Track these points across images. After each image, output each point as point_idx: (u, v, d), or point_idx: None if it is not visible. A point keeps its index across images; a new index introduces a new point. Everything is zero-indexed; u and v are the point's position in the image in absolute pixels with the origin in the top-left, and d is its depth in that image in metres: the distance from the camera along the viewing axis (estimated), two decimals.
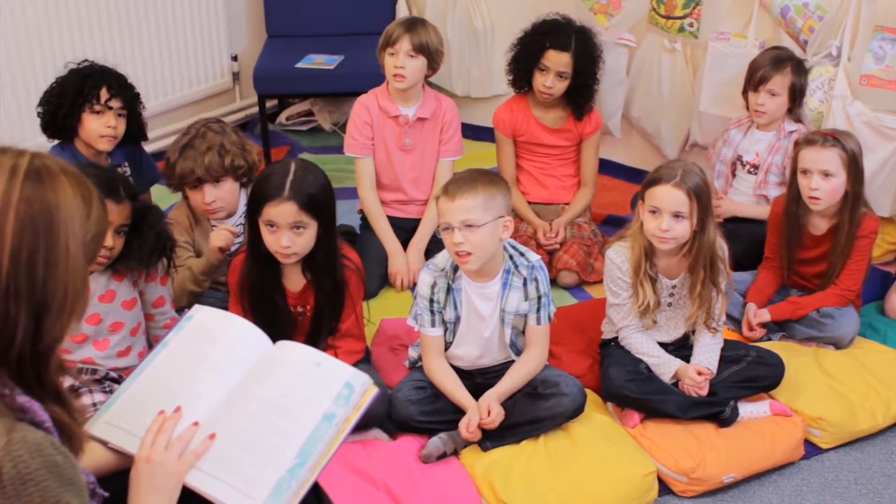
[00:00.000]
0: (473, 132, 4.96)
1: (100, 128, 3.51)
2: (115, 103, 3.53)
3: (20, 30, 4.30)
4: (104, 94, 3.50)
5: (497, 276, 3.03)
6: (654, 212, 3.06)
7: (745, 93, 3.95)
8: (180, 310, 3.24)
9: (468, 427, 2.96)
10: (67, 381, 1.66)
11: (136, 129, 3.66)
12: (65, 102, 3.49)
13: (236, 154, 3.41)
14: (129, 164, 3.72)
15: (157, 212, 3.10)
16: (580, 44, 4.00)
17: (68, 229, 1.55)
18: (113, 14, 4.64)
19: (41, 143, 3.65)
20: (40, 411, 1.55)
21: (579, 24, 4.11)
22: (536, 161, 4.20)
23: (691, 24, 4.32)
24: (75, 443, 1.65)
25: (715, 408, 3.11)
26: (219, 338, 2.14)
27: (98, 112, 3.51)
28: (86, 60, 3.59)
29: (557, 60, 3.97)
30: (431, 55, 3.89)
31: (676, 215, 3.02)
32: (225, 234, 3.41)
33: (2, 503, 1.43)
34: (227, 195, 3.46)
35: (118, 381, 2.99)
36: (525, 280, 3.03)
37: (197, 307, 2.27)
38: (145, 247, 2.96)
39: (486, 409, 2.97)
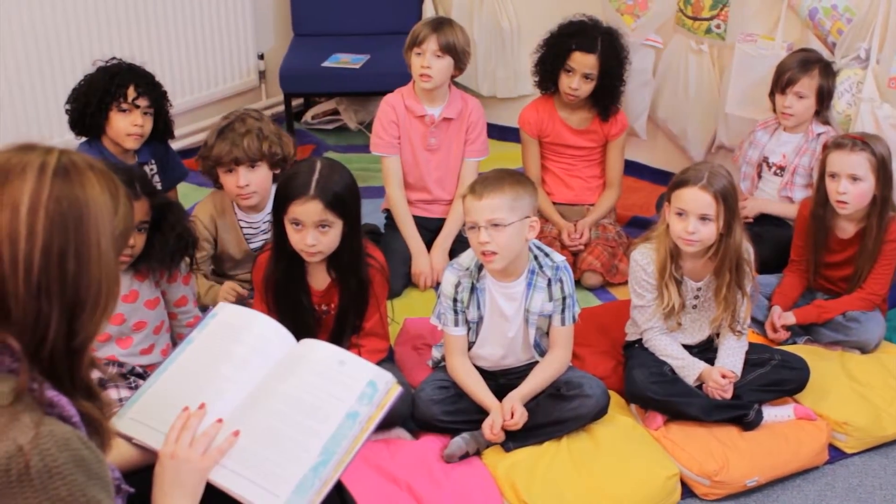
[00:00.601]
0: (499, 132, 4.95)
1: (127, 126, 3.52)
2: (143, 102, 3.53)
3: (49, 27, 4.33)
4: (131, 92, 3.51)
5: (522, 276, 3.03)
6: (680, 214, 3.05)
7: (772, 95, 3.93)
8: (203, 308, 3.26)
9: (492, 429, 2.96)
10: (94, 375, 1.67)
11: (163, 127, 3.67)
12: (92, 100, 3.50)
13: (273, 141, 3.42)
14: (155, 162, 3.73)
15: (179, 209, 3.11)
16: (606, 45, 3.99)
17: (98, 225, 1.55)
18: (141, 12, 4.67)
19: (69, 140, 3.67)
20: (68, 406, 1.56)
21: (606, 24, 4.10)
22: (562, 162, 4.19)
23: (718, 26, 4.31)
24: (104, 438, 1.66)
25: (739, 411, 3.10)
26: (243, 335, 2.15)
27: (125, 110, 3.51)
28: (114, 58, 3.60)
29: (583, 62, 3.96)
30: (458, 55, 3.89)
31: (703, 218, 3.01)
32: (233, 292, 3.48)
33: (29, 496, 1.44)
34: (260, 181, 3.46)
35: (143, 376, 3.01)
36: (549, 281, 3.02)
37: (221, 304, 2.28)
38: (167, 248, 2.98)
39: (509, 411, 2.97)
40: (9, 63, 4.22)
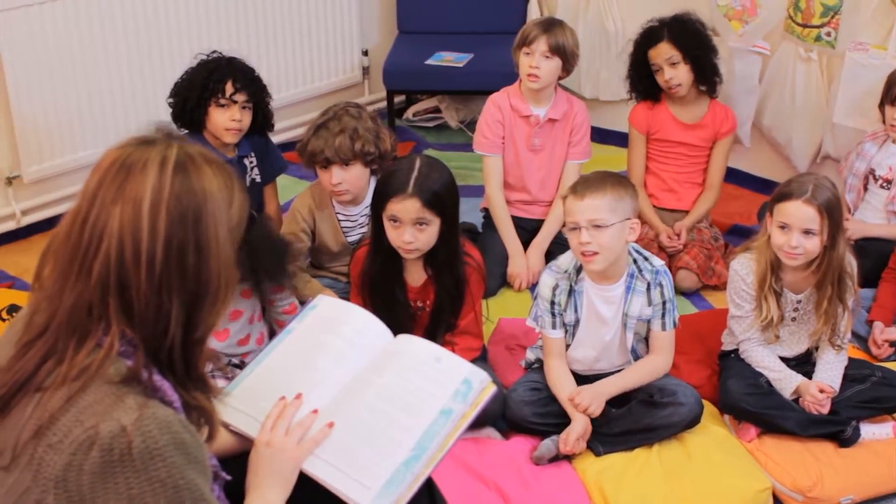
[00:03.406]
0: (600, 135, 4.92)
1: (225, 121, 3.54)
2: (240, 97, 3.54)
3: (160, 20, 4.42)
4: (229, 88, 3.52)
5: (621, 279, 3.01)
6: (783, 227, 2.99)
7: (881, 106, 3.85)
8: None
9: (566, 442, 2.95)
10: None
11: (261, 120, 3.68)
12: (192, 95, 3.54)
13: (368, 140, 3.42)
14: (255, 155, 3.77)
15: (262, 224, 3.09)
16: (674, 28, 3.97)
17: (216, 219, 1.59)
18: (250, 6, 4.74)
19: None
20: (170, 391, 1.59)
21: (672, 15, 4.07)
22: (668, 163, 4.15)
23: (829, 34, 4.23)
24: (212, 428, 1.70)
25: (836, 427, 3.05)
26: (341, 328, 2.17)
27: (223, 106, 3.53)
28: (215, 52, 3.63)
29: (659, 53, 3.96)
30: (567, 57, 3.88)
31: (806, 232, 2.96)
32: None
33: (129, 476, 1.46)
34: (354, 179, 3.48)
35: (240, 367, 3.06)
36: (649, 285, 3.01)
37: (320, 297, 2.31)
38: (262, 264, 2.99)
39: (577, 394, 2.96)
40: (121, 56, 4.32)
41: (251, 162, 3.75)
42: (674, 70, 3.96)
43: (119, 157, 1.58)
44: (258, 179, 3.78)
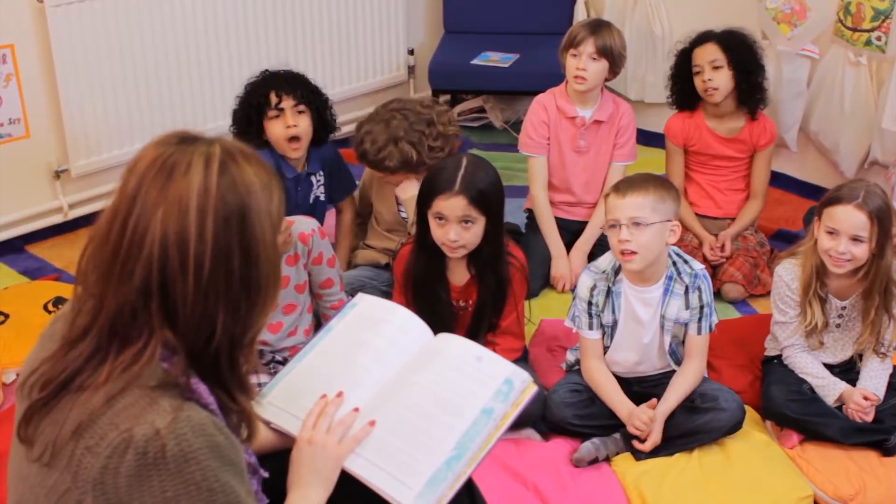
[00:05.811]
0: (645, 138, 4.89)
1: (280, 130, 3.49)
2: (287, 102, 3.49)
3: (209, 17, 4.44)
4: (273, 97, 3.48)
5: (659, 281, 3.00)
6: (831, 232, 2.97)
7: None
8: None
9: (642, 422, 2.95)
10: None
11: (318, 122, 3.60)
12: (245, 116, 3.53)
13: (380, 150, 3.50)
14: (324, 172, 3.73)
15: None
16: (724, 34, 3.92)
17: (260, 218, 1.56)
18: (297, 5, 4.76)
19: (221, 125, 3.75)
20: (206, 394, 1.57)
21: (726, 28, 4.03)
22: (707, 173, 4.11)
23: (879, 38, 4.18)
24: (251, 429, 1.69)
25: (879, 435, 3.02)
26: (382, 326, 2.17)
27: (275, 116, 3.49)
28: (266, 71, 3.61)
29: (703, 54, 3.90)
30: (614, 59, 3.86)
31: (855, 238, 2.93)
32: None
33: (164, 480, 1.46)
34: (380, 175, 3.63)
35: (283, 363, 3.08)
36: (687, 288, 2.99)
37: (361, 295, 2.30)
38: None
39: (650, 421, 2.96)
40: (169, 52, 4.36)
41: (318, 180, 3.72)
42: (714, 73, 3.89)
43: (160, 157, 1.53)
44: (322, 198, 3.74)
